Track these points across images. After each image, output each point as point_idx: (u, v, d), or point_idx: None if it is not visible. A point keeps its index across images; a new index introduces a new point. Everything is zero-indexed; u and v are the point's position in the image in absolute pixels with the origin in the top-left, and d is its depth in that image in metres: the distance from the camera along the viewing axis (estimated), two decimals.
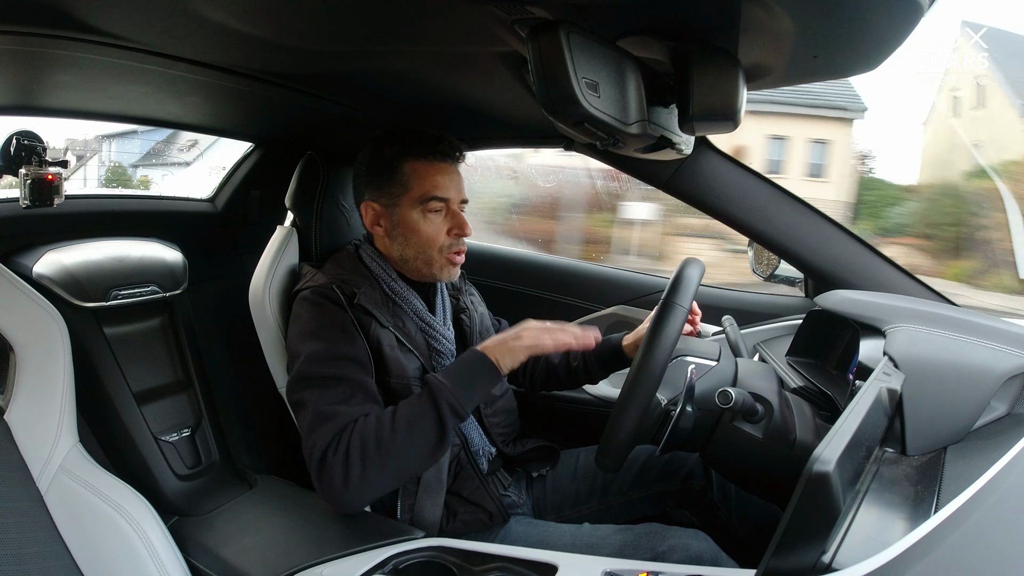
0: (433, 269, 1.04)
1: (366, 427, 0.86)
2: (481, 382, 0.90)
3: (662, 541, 0.88)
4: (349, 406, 0.88)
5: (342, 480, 0.84)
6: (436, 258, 1.03)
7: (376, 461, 0.84)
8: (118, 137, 5.63)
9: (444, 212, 1.02)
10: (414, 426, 0.86)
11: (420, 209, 1.01)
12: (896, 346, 0.79)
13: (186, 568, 0.97)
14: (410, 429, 0.86)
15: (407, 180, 1.01)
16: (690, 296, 0.83)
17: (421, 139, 1.01)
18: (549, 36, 0.58)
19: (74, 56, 0.86)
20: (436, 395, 0.87)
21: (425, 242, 1.02)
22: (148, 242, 1.29)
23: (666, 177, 1.21)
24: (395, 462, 0.86)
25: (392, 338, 0.98)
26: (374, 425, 0.86)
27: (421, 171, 1.01)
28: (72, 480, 0.95)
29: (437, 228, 1.02)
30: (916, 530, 0.51)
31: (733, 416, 0.80)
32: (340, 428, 0.86)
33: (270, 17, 0.76)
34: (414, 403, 0.89)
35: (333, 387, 0.90)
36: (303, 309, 0.98)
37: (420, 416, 0.86)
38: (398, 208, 1.02)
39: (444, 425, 0.86)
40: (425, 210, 1.01)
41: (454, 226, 1.03)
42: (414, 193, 1.01)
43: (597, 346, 1.06)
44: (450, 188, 1.02)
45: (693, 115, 0.70)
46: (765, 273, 1.34)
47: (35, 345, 0.97)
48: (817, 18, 0.64)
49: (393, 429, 0.86)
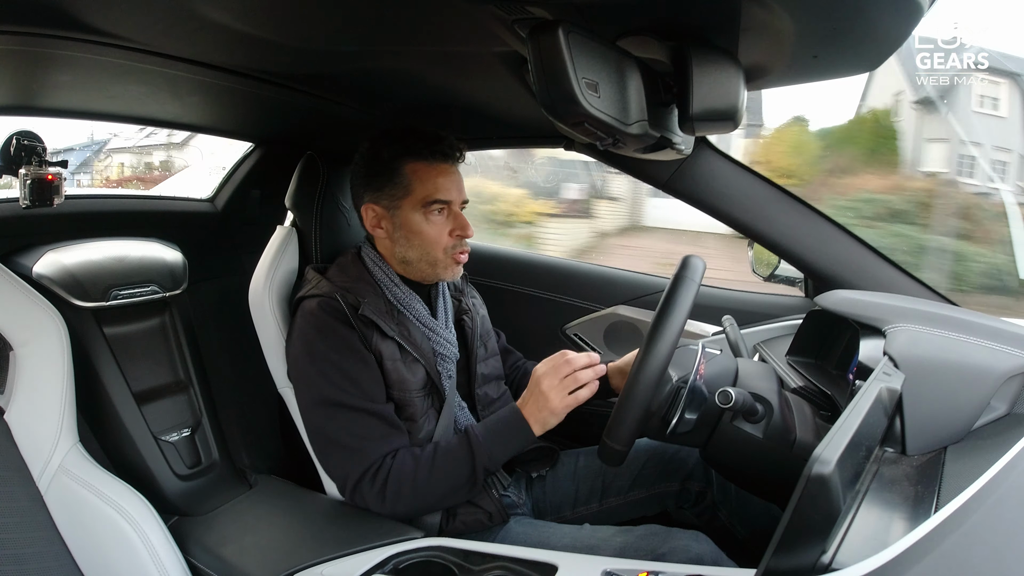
0: (437, 269, 1.04)
1: (404, 468, 0.93)
2: (518, 443, 0.95)
3: (662, 543, 0.88)
4: (373, 440, 0.94)
5: (375, 507, 0.94)
6: (440, 259, 1.03)
7: (408, 500, 0.93)
8: None
9: (446, 214, 1.03)
10: (448, 477, 0.93)
11: (422, 212, 1.01)
12: (896, 346, 0.79)
13: (186, 568, 0.97)
14: (444, 479, 0.93)
15: (408, 182, 1.01)
16: (700, 274, 0.83)
17: (420, 139, 1.01)
18: (549, 36, 0.58)
19: (74, 56, 0.86)
20: (476, 455, 0.93)
21: (429, 244, 1.02)
22: (148, 242, 1.29)
23: (666, 177, 1.21)
24: (425, 502, 0.94)
25: (395, 350, 0.98)
26: (411, 467, 0.93)
27: (422, 172, 1.01)
28: (72, 480, 0.95)
29: (440, 230, 1.02)
30: (916, 530, 0.51)
31: (733, 416, 0.80)
32: (371, 463, 0.93)
33: (270, 17, 0.76)
34: (453, 454, 0.94)
35: (355, 417, 0.94)
36: (308, 325, 0.97)
37: (456, 470, 0.93)
38: (400, 211, 1.02)
39: (476, 480, 0.94)
40: (427, 212, 1.01)
41: (456, 227, 1.03)
42: (416, 195, 1.00)
43: None
44: (451, 190, 1.02)
45: (693, 115, 0.70)
46: (765, 273, 1.34)
47: (35, 345, 0.97)
48: (817, 18, 0.64)
49: (430, 475, 0.93)
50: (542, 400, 0.92)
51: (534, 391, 0.94)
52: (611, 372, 1.11)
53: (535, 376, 0.94)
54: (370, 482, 0.93)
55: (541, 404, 0.92)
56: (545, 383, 0.92)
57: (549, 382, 0.92)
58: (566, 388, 0.92)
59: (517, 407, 0.95)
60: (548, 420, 0.93)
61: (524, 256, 1.73)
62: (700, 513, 1.08)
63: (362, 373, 0.95)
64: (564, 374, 0.92)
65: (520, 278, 1.63)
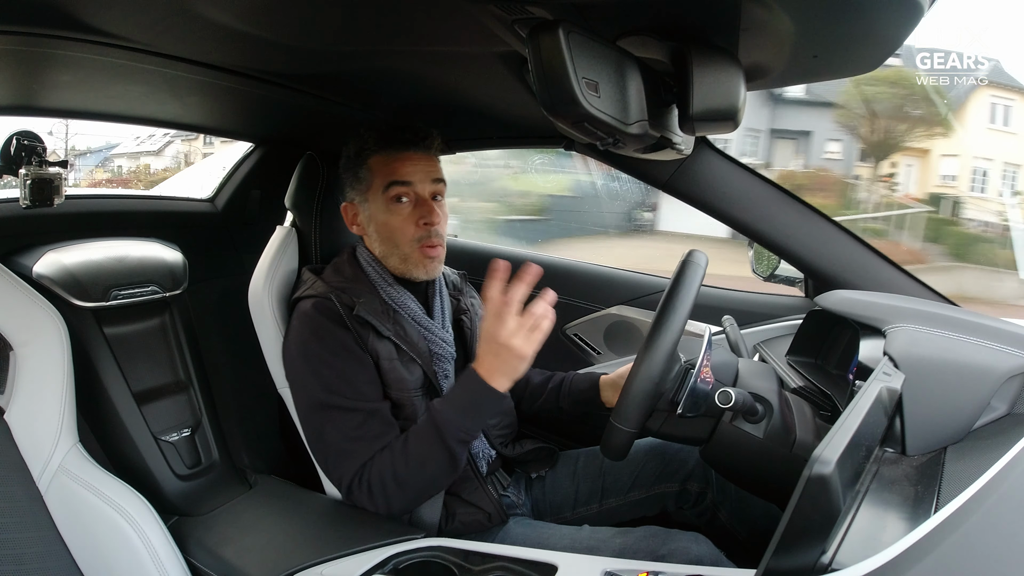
0: (408, 265, 1.01)
1: (383, 464, 0.91)
2: (486, 404, 0.88)
3: (662, 544, 0.88)
4: (366, 440, 0.93)
5: (371, 508, 0.92)
6: (409, 253, 1.01)
7: (397, 494, 0.91)
8: None
9: (411, 202, 1.00)
10: (426, 461, 0.89)
11: (383, 200, 1.00)
12: (896, 346, 0.79)
13: (186, 568, 0.97)
14: (423, 464, 0.90)
15: (371, 175, 1.01)
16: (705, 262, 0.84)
17: (382, 131, 1.01)
18: (549, 36, 0.58)
19: (74, 56, 0.86)
20: (443, 432, 0.88)
21: (394, 235, 1.00)
22: (148, 242, 1.29)
23: (666, 177, 1.21)
24: (415, 491, 0.92)
25: (392, 350, 0.98)
26: (389, 461, 0.91)
27: (383, 162, 1.01)
28: (72, 480, 0.94)
29: (404, 220, 1.00)
30: (916, 530, 0.51)
31: (733, 416, 0.80)
32: (360, 465, 0.92)
33: (270, 17, 0.76)
34: (423, 436, 0.90)
35: (349, 418, 0.93)
36: (303, 326, 0.97)
37: (430, 451, 0.89)
38: (368, 204, 1.02)
39: (454, 455, 0.89)
40: (388, 200, 1.00)
41: (422, 215, 1.00)
42: (376, 184, 1.01)
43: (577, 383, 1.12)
44: (413, 173, 1.00)
45: (693, 115, 0.70)
46: (765, 273, 1.34)
47: (35, 345, 0.97)
48: (817, 18, 0.64)
49: (407, 464, 0.90)
50: (504, 352, 0.84)
51: (491, 345, 0.85)
52: (604, 386, 1.11)
53: (486, 331, 0.85)
54: (359, 484, 0.92)
55: (504, 356, 0.84)
56: (503, 333, 0.83)
57: (506, 330, 0.83)
58: (524, 327, 0.84)
59: (473, 368, 0.87)
60: (518, 367, 0.85)
61: (524, 256, 1.73)
62: (700, 514, 1.08)
63: (357, 374, 0.95)
64: (513, 314, 0.83)
65: None
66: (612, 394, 1.09)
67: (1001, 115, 4.58)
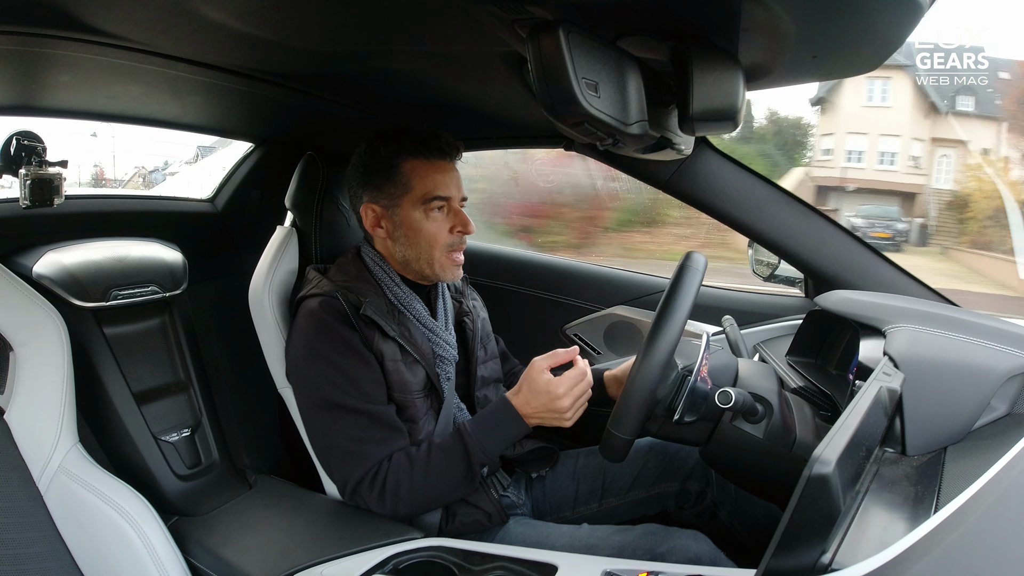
0: (435, 269, 1.03)
1: (400, 470, 0.93)
2: (512, 434, 0.95)
3: (661, 542, 0.88)
4: (374, 442, 0.94)
5: (376, 509, 0.94)
6: (438, 258, 1.02)
7: (407, 501, 0.93)
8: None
9: (446, 211, 1.03)
10: (445, 475, 0.93)
11: (422, 209, 1.01)
12: (896, 346, 0.79)
13: (186, 568, 0.97)
14: (441, 477, 0.93)
15: (407, 180, 1.00)
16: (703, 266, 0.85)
17: (417, 136, 1.01)
18: (549, 36, 0.58)
19: (74, 56, 0.86)
20: (470, 451, 0.93)
21: (428, 242, 1.02)
22: (148, 242, 1.29)
23: (666, 177, 1.21)
24: (426, 501, 0.95)
25: (396, 351, 0.98)
26: (407, 469, 0.93)
27: (420, 170, 1.01)
28: (72, 480, 0.95)
29: (439, 227, 1.02)
30: (916, 530, 0.51)
31: (733, 416, 0.80)
32: (370, 467, 0.93)
33: (270, 17, 0.76)
34: (448, 453, 0.94)
35: (354, 419, 0.94)
36: (309, 324, 0.97)
37: (452, 467, 0.93)
38: (399, 209, 1.01)
39: (473, 476, 0.94)
40: (427, 210, 1.01)
41: (456, 224, 1.03)
42: (415, 193, 1.00)
43: None
44: (451, 186, 1.02)
45: (693, 115, 0.70)
46: (765, 273, 1.34)
47: (35, 345, 0.97)
48: (817, 18, 0.64)
49: (426, 474, 0.93)
50: (551, 409, 0.91)
51: (541, 397, 0.91)
52: (607, 381, 1.11)
53: (547, 383, 0.92)
54: (369, 486, 0.93)
55: (553, 408, 0.91)
56: (566, 400, 0.91)
57: (570, 400, 0.91)
58: (579, 395, 0.92)
59: (507, 399, 0.94)
60: (554, 423, 0.93)
61: (524, 256, 1.73)
62: (700, 513, 1.08)
63: (362, 374, 0.95)
64: (583, 392, 0.92)
65: (520, 278, 1.63)
66: (616, 388, 1.09)
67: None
